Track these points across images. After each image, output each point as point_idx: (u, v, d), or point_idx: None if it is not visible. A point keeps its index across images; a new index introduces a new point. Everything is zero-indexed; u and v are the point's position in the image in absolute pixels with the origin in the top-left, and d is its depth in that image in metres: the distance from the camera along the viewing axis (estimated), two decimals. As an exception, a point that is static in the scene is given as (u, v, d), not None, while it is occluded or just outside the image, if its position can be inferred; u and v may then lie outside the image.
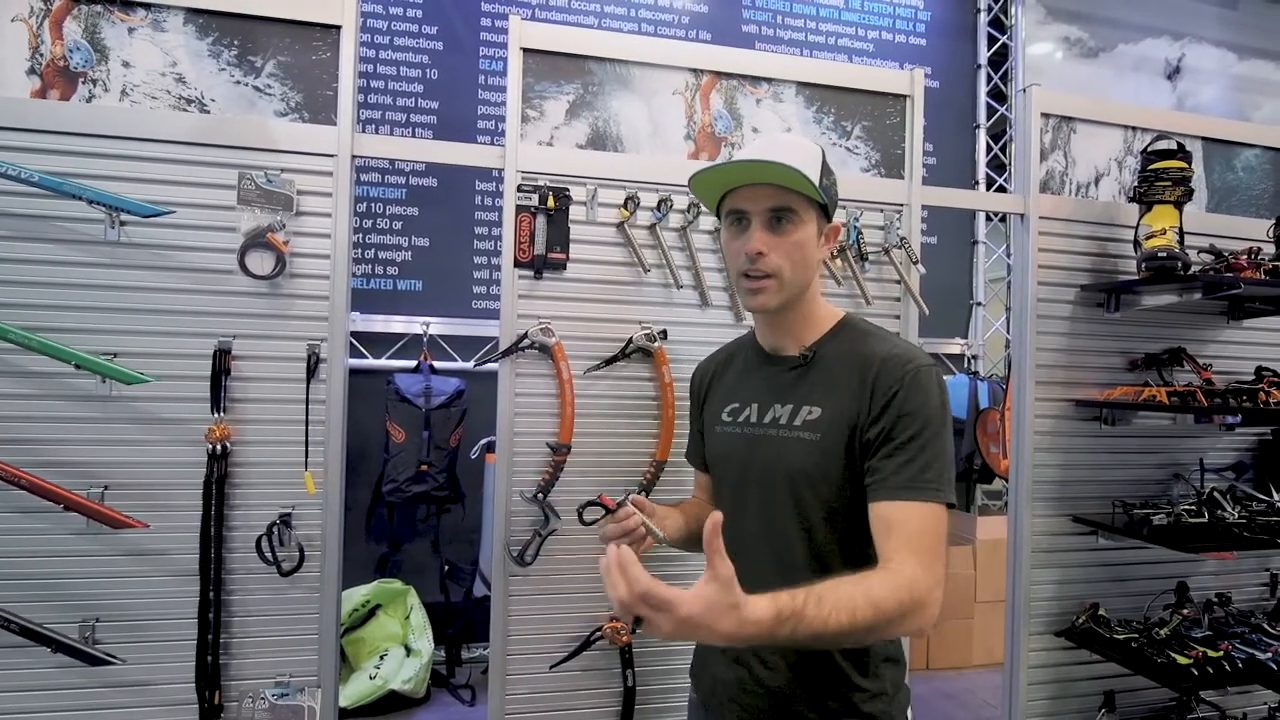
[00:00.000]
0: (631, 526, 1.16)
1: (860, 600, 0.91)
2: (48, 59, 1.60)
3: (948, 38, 4.34)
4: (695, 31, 3.91)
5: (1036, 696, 2.06)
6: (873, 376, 1.08)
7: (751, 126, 1.95)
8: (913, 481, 1.02)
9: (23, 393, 1.54)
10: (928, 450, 1.04)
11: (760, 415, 1.18)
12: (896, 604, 0.93)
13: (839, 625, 0.89)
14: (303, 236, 1.66)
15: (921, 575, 0.96)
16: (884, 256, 1.94)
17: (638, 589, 0.81)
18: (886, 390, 1.06)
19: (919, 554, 0.98)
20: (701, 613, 0.82)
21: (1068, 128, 2.16)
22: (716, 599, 0.83)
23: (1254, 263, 1.92)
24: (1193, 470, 2.16)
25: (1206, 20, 4.60)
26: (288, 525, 1.63)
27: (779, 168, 1.07)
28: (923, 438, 1.04)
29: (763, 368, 1.23)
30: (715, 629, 0.83)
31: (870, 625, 0.91)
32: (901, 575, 0.96)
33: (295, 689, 1.63)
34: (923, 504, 1.02)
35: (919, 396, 1.05)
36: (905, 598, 0.94)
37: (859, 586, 0.93)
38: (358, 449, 3.05)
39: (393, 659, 3.17)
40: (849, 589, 0.92)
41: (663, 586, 0.81)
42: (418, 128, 3.57)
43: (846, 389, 1.09)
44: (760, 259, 1.11)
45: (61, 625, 1.53)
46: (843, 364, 1.13)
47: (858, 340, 1.15)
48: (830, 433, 1.09)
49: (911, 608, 0.94)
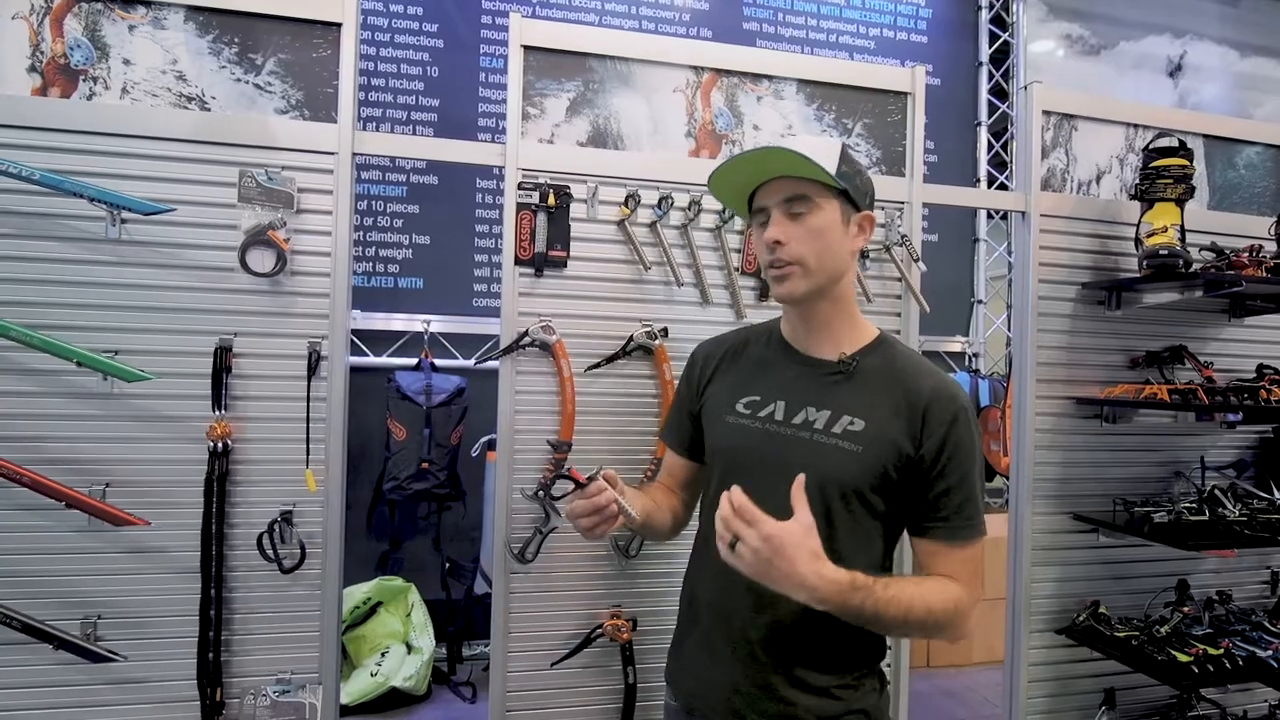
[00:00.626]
0: (603, 504, 1.10)
1: (919, 599, 1.04)
2: (48, 56, 1.60)
3: (949, 35, 4.34)
4: (696, 29, 3.91)
5: (1037, 694, 2.06)
6: (923, 406, 1.11)
7: (753, 124, 1.95)
8: (966, 524, 1.11)
9: (24, 390, 1.54)
10: (974, 491, 1.11)
11: (788, 414, 1.16)
12: (944, 613, 1.06)
13: (899, 613, 1.01)
14: (304, 234, 1.66)
15: (967, 596, 1.09)
16: (885, 254, 1.94)
17: (737, 501, 0.95)
18: (939, 425, 1.10)
19: (967, 579, 1.11)
20: (784, 537, 0.94)
21: (1069, 125, 2.16)
22: (799, 535, 0.95)
23: (1255, 260, 1.92)
24: (1193, 468, 2.16)
25: (1208, 17, 4.59)
26: (289, 522, 1.63)
27: (784, 153, 1.08)
28: (970, 478, 1.11)
29: (791, 365, 1.20)
30: (795, 566, 0.94)
31: (920, 623, 1.05)
32: (953, 588, 1.08)
33: (297, 686, 1.64)
34: (972, 542, 1.12)
35: (968, 439, 1.11)
36: (952, 609, 1.07)
37: (920, 587, 1.07)
38: (359, 447, 3.06)
39: (394, 656, 3.18)
40: (911, 586, 1.06)
41: (755, 508, 0.95)
42: (418, 125, 3.57)
43: (893, 410, 1.11)
44: (779, 248, 1.11)
45: (63, 622, 1.53)
46: (884, 381, 1.14)
47: (899, 359, 1.17)
48: (873, 448, 1.10)
49: (955, 620, 1.07)
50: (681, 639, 1.26)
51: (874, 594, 0.99)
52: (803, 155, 1.07)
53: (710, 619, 1.19)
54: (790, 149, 1.07)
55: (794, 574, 0.93)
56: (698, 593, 1.23)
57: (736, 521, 0.94)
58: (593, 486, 1.11)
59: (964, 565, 1.11)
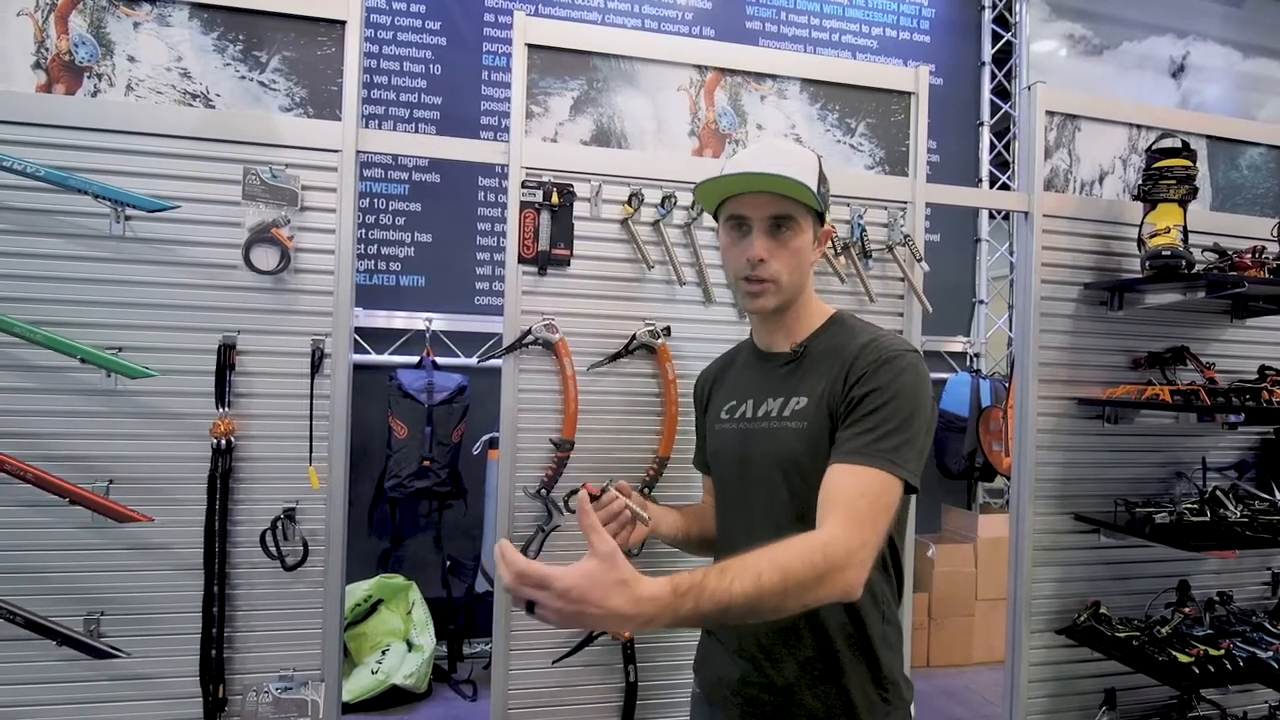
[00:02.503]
0: (617, 510, 1.18)
1: (765, 565, 0.88)
2: (53, 53, 1.60)
3: (952, 35, 4.33)
4: (699, 28, 3.91)
5: (1037, 694, 2.06)
6: (850, 359, 1.10)
7: (756, 123, 1.95)
8: (865, 448, 1.01)
9: (28, 387, 1.54)
10: (889, 422, 1.02)
11: (755, 410, 1.20)
12: (806, 565, 0.89)
13: (745, 593, 0.86)
14: (307, 232, 1.66)
15: (842, 536, 0.93)
16: (887, 254, 1.94)
17: (515, 569, 0.80)
18: (859, 370, 1.08)
19: (848, 515, 0.96)
20: (582, 586, 0.80)
21: (1072, 125, 2.16)
22: (599, 574, 0.81)
23: (1258, 261, 1.92)
24: (1195, 469, 2.16)
25: (1211, 18, 4.59)
26: (292, 520, 1.63)
27: (784, 180, 1.11)
28: (886, 410, 1.03)
29: (758, 365, 1.26)
30: (606, 605, 0.81)
31: (780, 589, 0.88)
32: (816, 537, 0.94)
33: (299, 682, 1.64)
34: (869, 469, 1.00)
35: (889, 374, 1.07)
36: (818, 559, 0.90)
37: (766, 553, 0.90)
38: (360, 445, 3.06)
39: (394, 654, 3.18)
40: (755, 557, 0.90)
41: (540, 565, 0.81)
42: (421, 123, 3.57)
43: (828, 376, 1.12)
44: (761, 265, 1.15)
45: (67, 618, 1.53)
46: (829, 356, 1.16)
47: (844, 334, 1.18)
48: (814, 419, 1.11)
49: (826, 569, 0.90)
50: (704, 631, 1.31)
51: (705, 589, 0.86)
52: (802, 183, 1.10)
53: None
54: (791, 177, 1.10)
55: (610, 613, 0.82)
56: None
57: (525, 589, 0.81)
58: (605, 496, 1.18)
59: (855, 499, 0.97)
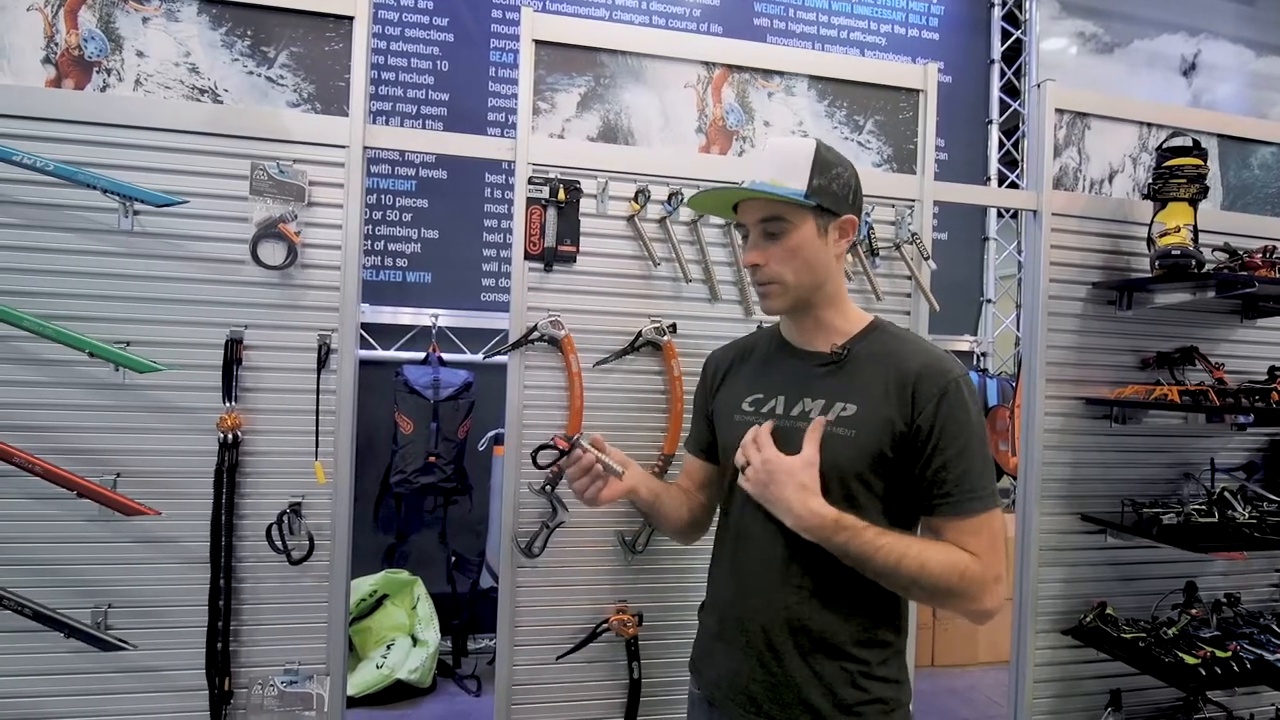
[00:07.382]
0: (587, 464, 1.22)
1: (912, 555, 1.04)
2: (63, 48, 1.61)
3: (961, 32, 4.31)
4: (707, 24, 3.90)
5: (1042, 694, 2.05)
6: (912, 383, 1.11)
7: (763, 120, 1.94)
8: (969, 496, 1.09)
9: (37, 380, 1.55)
10: (975, 462, 1.10)
11: (788, 407, 1.18)
12: (942, 578, 1.04)
13: (885, 563, 1.03)
14: (314, 227, 1.66)
15: (977, 568, 1.06)
16: (895, 252, 1.93)
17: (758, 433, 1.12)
18: (927, 399, 1.09)
19: (981, 550, 1.07)
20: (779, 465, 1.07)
21: (1082, 124, 2.15)
22: (794, 468, 1.07)
23: (1269, 261, 1.90)
24: (1203, 470, 2.15)
25: (1223, 16, 4.55)
26: (298, 514, 1.64)
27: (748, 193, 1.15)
28: (969, 450, 1.09)
29: (788, 361, 1.24)
30: (783, 491, 1.05)
31: (910, 580, 1.04)
32: (960, 556, 1.06)
33: (304, 676, 1.65)
34: (985, 514, 1.09)
35: (962, 410, 1.10)
36: (954, 580, 1.04)
37: (917, 543, 1.07)
38: (366, 440, 3.07)
39: (399, 649, 3.20)
40: (908, 540, 1.07)
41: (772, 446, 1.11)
42: (428, 119, 3.58)
43: (884, 391, 1.12)
44: (757, 270, 1.18)
45: (74, 611, 1.54)
46: (876, 364, 1.15)
47: (889, 342, 1.18)
48: (866, 431, 1.11)
49: (961, 591, 1.05)
50: (703, 630, 1.30)
51: (860, 536, 1.03)
52: (770, 192, 1.12)
53: (727, 611, 1.22)
54: (757, 190, 1.13)
55: (782, 499, 1.05)
56: (717, 586, 1.28)
57: (750, 448, 1.10)
58: (575, 453, 1.22)
59: (974, 537, 1.08)
